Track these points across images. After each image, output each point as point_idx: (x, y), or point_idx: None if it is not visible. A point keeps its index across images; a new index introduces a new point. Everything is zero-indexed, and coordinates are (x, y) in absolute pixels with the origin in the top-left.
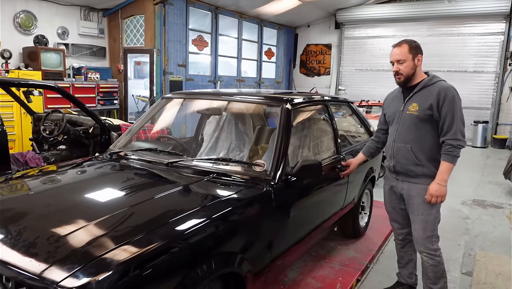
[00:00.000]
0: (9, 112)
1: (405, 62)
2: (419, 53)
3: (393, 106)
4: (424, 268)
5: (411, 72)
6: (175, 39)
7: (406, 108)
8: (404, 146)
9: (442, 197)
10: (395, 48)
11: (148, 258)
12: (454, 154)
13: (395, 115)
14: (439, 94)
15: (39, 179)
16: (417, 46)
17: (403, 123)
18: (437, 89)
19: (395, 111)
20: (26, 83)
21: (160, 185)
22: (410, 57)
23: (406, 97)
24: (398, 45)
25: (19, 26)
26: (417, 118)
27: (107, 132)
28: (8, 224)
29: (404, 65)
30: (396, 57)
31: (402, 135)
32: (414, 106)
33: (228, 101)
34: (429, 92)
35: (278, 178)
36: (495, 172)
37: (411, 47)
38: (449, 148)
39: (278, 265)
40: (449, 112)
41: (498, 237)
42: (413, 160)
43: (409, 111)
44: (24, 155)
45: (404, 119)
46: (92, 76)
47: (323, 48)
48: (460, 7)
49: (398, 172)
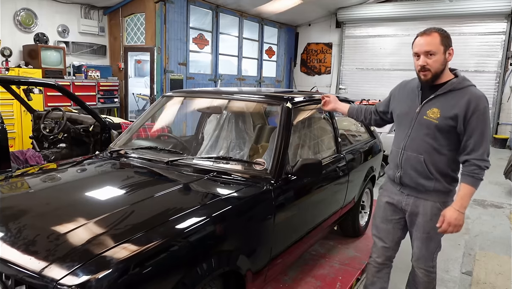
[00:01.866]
0: (9, 110)
1: (435, 55)
2: (451, 45)
3: (406, 104)
4: (416, 282)
5: (441, 68)
6: (176, 38)
7: (424, 112)
8: (416, 156)
9: (459, 228)
10: (423, 38)
11: (148, 256)
12: (479, 177)
13: (408, 117)
14: (468, 104)
15: (39, 177)
16: (449, 36)
17: (418, 129)
18: (467, 96)
19: (408, 111)
20: (27, 81)
21: (160, 183)
22: (442, 49)
23: (426, 97)
24: (426, 34)
25: (20, 24)
26: (436, 127)
27: (107, 130)
28: (8, 222)
29: (434, 59)
30: (425, 48)
31: (415, 144)
32: (434, 112)
33: (228, 100)
34: (457, 98)
35: (278, 176)
36: (495, 172)
37: (444, 37)
38: (474, 169)
39: (278, 263)
40: (478, 128)
41: (498, 236)
42: (426, 173)
43: (428, 116)
44: (24, 153)
45: (419, 124)
46: (93, 75)
47: (324, 47)
48: (461, 7)
49: (404, 185)
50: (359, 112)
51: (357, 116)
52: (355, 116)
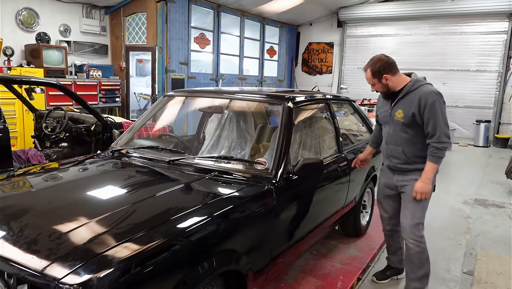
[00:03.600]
0: (11, 110)
1: (374, 85)
2: (386, 72)
3: (383, 110)
4: (410, 254)
5: (385, 89)
6: (177, 37)
7: (393, 113)
8: (396, 148)
9: (426, 194)
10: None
11: (149, 256)
12: (438, 156)
13: (386, 119)
14: (419, 101)
15: (41, 176)
16: (381, 68)
17: (394, 127)
18: (418, 96)
19: (385, 115)
20: (28, 80)
21: (161, 182)
22: (376, 80)
23: (392, 102)
24: (364, 69)
25: (21, 23)
26: (403, 124)
27: (109, 130)
28: (10, 221)
29: (376, 86)
30: (367, 81)
31: (394, 138)
32: (400, 113)
33: (230, 100)
34: (412, 98)
35: (280, 176)
36: (497, 171)
37: (374, 73)
38: (433, 150)
39: (279, 263)
40: (430, 118)
41: (499, 236)
42: (405, 159)
43: (396, 117)
44: (26, 152)
45: (393, 123)
46: (94, 74)
47: (325, 47)
48: (463, 6)
49: (393, 169)
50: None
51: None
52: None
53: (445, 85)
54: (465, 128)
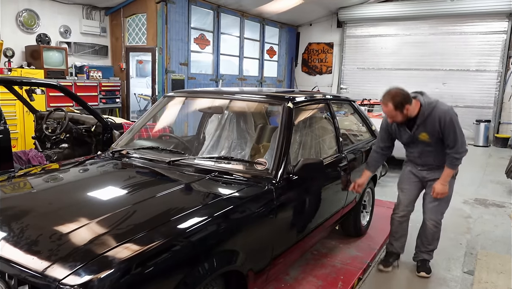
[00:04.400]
0: (11, 111)
1: (395, 116)
2: (407, 103)
3: (404, 135)
4: (426, 231)
5: (405, 118)
6: (177, 38)
7: (416, 136)
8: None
9: (444, 194)
10: (383, 106)
11: (150, 256)
12: (455, 164)
13: (410, 140)
14: (439, 120)
15: (41, 177)
16: (402, 100)
17: (421, 145)
18: (437, 116)
19: (407, 137)
20: (29, 81)
21: (162, 183)
22: (398, 112)
23: (411, 127)
24: (383, 103)
25: (22, 24)
26: (431, 143)
27: (109, 130)
28: (11, 222)
29: (396, 118)
30: (387, 115)
31: (425, 152)
32: (424, 136)
33: (230, 100)
34: (432, 121)
35: (280, 176)
36: (497, 171)
37: (396, 106)
38: (452, 159)
39: (279, 263)
40: (450, 132)
41: (499, 236)
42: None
43: (421, 139)
44: (26, 153)
45: (420, 143)
46: (94, 75)
47: (325, 47)
48: (463, 6)
49: (422, 165)
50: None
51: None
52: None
53: (445, 85)
54: (465, 128)
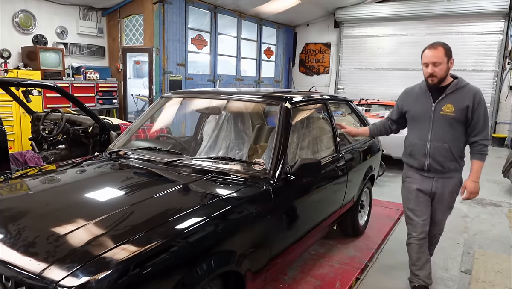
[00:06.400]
0: (8, 112)
1: (440, 64)
2: (452, 56)
3: (420, 106)
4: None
5: (445, 74)
6: (174, 38)
7: (439, 108)
8: (442, 144)
9: (477, 193)
10: (431, 51)
11: (147, 257)
12: (485, 153)
13: (425, 115)
14: (474, 96)
15: (38, 178)
16: (451, 49)
17: (437, 124)
18: (472, 91)
19: (424, 111)
20: (25, 82)
21: (159, 184)
22: (446, 60)
23: (436, 98)
24: (433, 47)
25: (18, 25)
26: (453, 119)
27: (106, 131)
28: (7, 223)
29: (439, 67)
30: (432, 60)
31: (439, 135)
32: (449, 108)
33: (227, 100)
34: (463, 93)
35: (278, 176)
36: (494, 171)
37: (447, 50)
38: (482, 147)
39: (277, 263)
40: (480, 114)
41: (497, 235)
42: (450, 157)
43: (444, 112)
44: (23, 154)
45: (437, 119)
46: (91, 76)
47: (322, 47)
48: (459, 6)
49: (431, 170)
50: (379, 129)
51: (380, 133)
52: (378, 134)
53: None
54: None
